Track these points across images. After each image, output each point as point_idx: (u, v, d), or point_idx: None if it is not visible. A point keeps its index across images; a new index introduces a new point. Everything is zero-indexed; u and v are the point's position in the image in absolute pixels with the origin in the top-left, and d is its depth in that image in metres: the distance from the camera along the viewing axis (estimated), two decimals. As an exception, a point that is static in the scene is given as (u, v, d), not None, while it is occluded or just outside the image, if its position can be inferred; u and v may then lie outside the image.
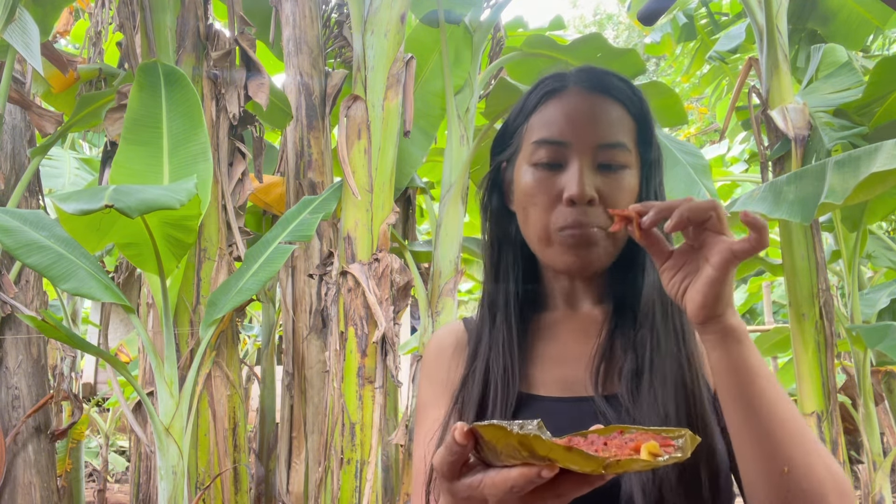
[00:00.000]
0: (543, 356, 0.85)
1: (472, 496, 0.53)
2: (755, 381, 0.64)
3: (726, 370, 0.65)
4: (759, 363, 0.64)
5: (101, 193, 1.89)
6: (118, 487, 7.07)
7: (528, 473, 0.48)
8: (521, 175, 0.83)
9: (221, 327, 2.83)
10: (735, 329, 0.64)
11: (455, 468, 0.53)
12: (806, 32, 4.71)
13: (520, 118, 0.86)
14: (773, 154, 3.78)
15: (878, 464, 3.95)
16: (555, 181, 0.80)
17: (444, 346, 0.93)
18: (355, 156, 2.89)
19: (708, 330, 0.65)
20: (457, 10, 3.85)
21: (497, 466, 0.52)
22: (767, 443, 0.63)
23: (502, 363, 0.82)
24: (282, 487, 3.57)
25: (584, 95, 0.82)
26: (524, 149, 0.84)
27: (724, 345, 0.64)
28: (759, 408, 0.63)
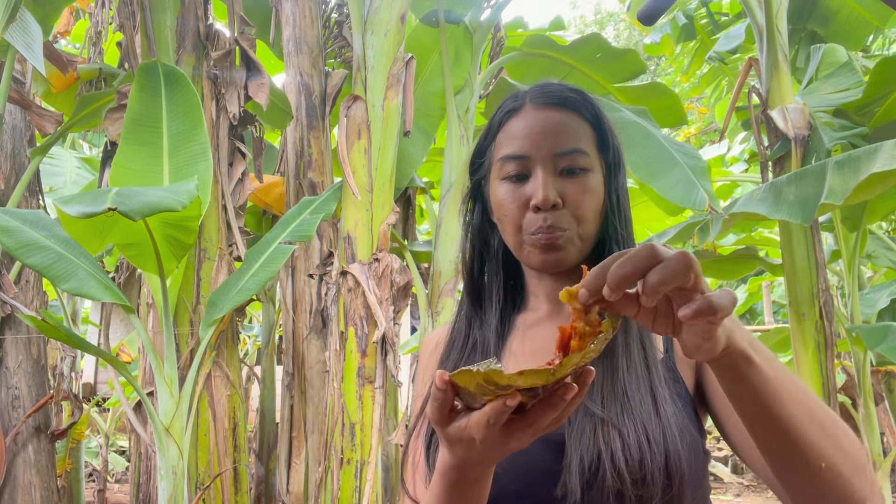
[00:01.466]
0: (522, 351, 0.90)
1: (462, 437, 0.59)
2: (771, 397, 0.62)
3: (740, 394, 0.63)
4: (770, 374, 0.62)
5: (103, 196, 1.89)
6: (118, 487, 7.07)
7: (497, 405, 0.55)
8: (495, 190, 0.91)
9: (221, 327, 2.83)
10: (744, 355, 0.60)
11: (443, 414, 0.59)
12: (806, 32, 4.71)
13: (488, 139, 0.94)
14: (773, 154, 3.78)
15: (878, 464, 3.95)
16: (522, 192, 0.87)
17: (437, 343, 0.99)
18: (355, 156, 2.89)
19: (717, 365, 0.62)
20: (457, 10, 3.85)
21: (478, 409, 0.57)
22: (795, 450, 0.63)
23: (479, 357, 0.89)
24: (282, 487, 3.57)
25: (538, 110, 0.89)
26: (494, 166, 0.91)
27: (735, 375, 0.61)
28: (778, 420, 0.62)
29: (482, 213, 0.97)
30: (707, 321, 0.54)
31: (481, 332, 0.93)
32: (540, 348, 0.89)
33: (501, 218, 0.90)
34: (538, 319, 0.92)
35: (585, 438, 0.75)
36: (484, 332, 0.92)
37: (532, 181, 0.86)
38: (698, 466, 0.78)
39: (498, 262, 0.96)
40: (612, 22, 15.63)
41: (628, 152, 4.01)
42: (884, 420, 4.51)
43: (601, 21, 15.99)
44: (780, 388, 0.62)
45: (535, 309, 0.94)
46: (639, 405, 0.77)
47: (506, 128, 0.91)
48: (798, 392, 0.64)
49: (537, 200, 0.84)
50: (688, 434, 0.77)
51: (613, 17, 15.65)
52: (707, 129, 10.27)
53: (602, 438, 0.75)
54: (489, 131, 0.95)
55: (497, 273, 0.96)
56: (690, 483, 0.76)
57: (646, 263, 0.54)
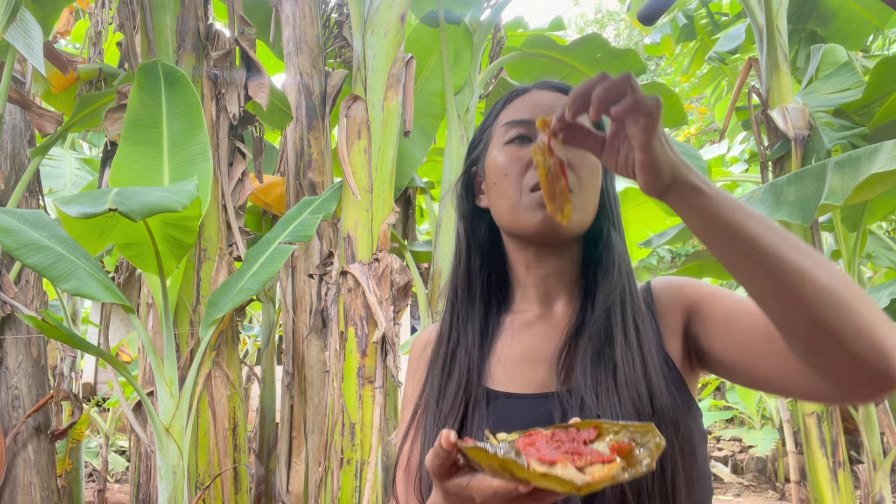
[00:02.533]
0: (511, 354, 0.88)
1: (461, 494, 0.59)
2: (734, 222, 0.64)
3: (703, 225, 0.66)
4: (731, 205, 0.65)
5: (104, 197, 1.89)
6: (118, 487, 7.08)
7: (509, 486, 0.55)
8: (493, 158, 0.89)
9: (221, 327, 2.83)
10: (693, 186, 0.65)
11: (444, 470, 0.59)
12: (806, 32, 4.71)
13: (487, 121, 0.94)
14: (773, 154, 3.78)
15: (878, 464, 3.95)
16: (524, 152, 0.86)
17: (425, 345, 0.98)
18: (355, 156, 2.89)
19: (668, 199, 0.67)
20: (457, 10, 3.85)
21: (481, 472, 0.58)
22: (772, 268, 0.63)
23: (466, 361, 0.87)
24: (282, 487, 3.57)
25: (543, 91, 0.91)
26: (496, 135, 0.90)
27: (688, 205, 0.66)
28: (750, 240, 0.64)
29: (468, 198, 0.95)
30: (640, 128, 0.63)
31: (466, 332, 0.90)
32: (529, 353, 0.87)
33: (499, 181, 0.87)
34: (528, 321, 0.90)
35: None
36: (468, 332, 0.90)
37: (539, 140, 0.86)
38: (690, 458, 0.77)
39: (483, 256, 0.93)
40: (612, 21, 15.63)
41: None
42: (884, 420, 4.50)
43: (601, 20, 15.99)
44: (742, 217, 0.64)
45: (523, 310, 0.91)
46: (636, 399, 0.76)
47: (510, 105, 0.91)
48: (769, 223, 0.66)
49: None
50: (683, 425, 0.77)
51: (614, 16, 15.65)
52: (707, 129, 10.27)
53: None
54: (489, 117, 0.94)
55: (482, 267, 0.93)
56: (686, 480, 0.75)
57: (594, 82, 0.65)
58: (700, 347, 0.82)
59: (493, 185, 0.88)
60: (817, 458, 3.45)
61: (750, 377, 0.77)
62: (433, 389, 0.88)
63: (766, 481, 7.36)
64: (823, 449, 3.44)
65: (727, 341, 0.77)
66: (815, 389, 0.68)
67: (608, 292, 0.85)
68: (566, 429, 0.60)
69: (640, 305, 0.84)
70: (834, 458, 3.44)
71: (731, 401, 7.62)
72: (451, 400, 0.85)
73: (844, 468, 3.46)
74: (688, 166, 0.66)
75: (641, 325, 0.82)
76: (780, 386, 0.73)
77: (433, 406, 0.86)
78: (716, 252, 0.67)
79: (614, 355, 0.79)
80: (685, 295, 0.84)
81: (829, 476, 3.45)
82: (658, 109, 0.63)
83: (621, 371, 0.78)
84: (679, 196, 0.66)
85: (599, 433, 0.59)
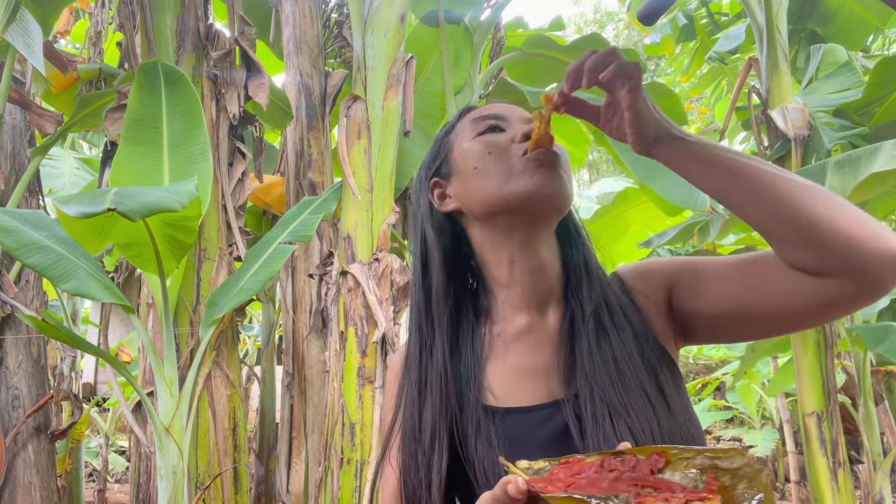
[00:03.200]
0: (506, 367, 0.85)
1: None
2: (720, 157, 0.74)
3: (694, 166, 0.76)
4: (713, 146, 0.75)
5: (103, 197, 1.89)
6: (118, 487, 7.07)
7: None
8: (466, 151, 0.88)
9: (221, 327, 2.83)
10: (676, 137, 0.75)
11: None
12: (806, 32, 4.71)
13: (444, 132, 0.95)
14: (773, 154, 3.78)
15: (878, 464, 3.95)
16: (503, 136, 0.87)
17: (395, 369, 0.95)
18: (355, 156, 2.89)
19: (658, 152, 0.76)
20: (457, 10, 3.85)
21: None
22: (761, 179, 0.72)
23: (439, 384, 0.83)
24: (282, 487, 3.57)
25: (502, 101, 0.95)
26: (460, 138, 0.90)
27: (676, 153, 0.76)
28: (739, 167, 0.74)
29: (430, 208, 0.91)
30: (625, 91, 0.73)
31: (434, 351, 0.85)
32: (525, 365, 0.84)
33: (481, 163, 0.85)
34: (518, 332, 0.86)
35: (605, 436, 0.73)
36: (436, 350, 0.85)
37: (511, 129, 0.87)
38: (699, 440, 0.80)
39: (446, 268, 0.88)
40: (611, 22, 15.63)
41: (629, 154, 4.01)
42: (884, 420, 4.51)
43: (601, 20, 16.00)
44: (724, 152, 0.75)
45: (510, 319, 0.87)
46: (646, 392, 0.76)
47: (467, 114, 0.93)
48: (748, 156, 0.75)
49: (526, 129, 0.85)
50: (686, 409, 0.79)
51: (613, 16, 15.65)
52: (707, 129, 10.27)
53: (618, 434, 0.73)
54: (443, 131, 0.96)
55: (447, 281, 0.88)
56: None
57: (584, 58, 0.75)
58: (689, 316, 0.83)
59: (475, 169, 0.86)
60: (817, 458, 3.45)
61: (751, 320, 0.79)
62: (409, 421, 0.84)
63: (766, 481, 7.35)
64: (823, 449, 3.44)
65: (719, 294, 0.80)
66: (821, 296, 0.72)
67: (593, 291, 0.85)
68: (617, 456, 0.54)
69: (622, 297, 0.85)
70: (834, 458, 3.44)
71: (731, 401, 7.62)
72: (430, 432, 0.80)
73: (844, 468, 3.46)
74: (671, 123, 0.76)
75: (630, 315, 0.83)
76: (783, 313, 0.76)
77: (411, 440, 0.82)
78: (710, 187, 0.76)
79: (614, 353, 0.79)
80: (659, 274, 0.86)
81: (829, 476, 3.45)
82: (638, 71, 0.73)
83: (625, 367, 0.78)
84: (666, 147, 0.76)
85: (668, 461, 0.52)
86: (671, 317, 0.84)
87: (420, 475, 0.79)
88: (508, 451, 0.76)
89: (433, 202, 0.91)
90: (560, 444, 0.76)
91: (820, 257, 0.70)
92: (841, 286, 0.70)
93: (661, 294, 0.84)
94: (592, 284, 0.85)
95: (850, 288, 0.70)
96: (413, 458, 0.81)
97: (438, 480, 0.78)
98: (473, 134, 0.89)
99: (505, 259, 0.86)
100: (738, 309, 0.78)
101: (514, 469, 0.59)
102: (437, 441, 0.79)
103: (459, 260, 0.90)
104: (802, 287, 0.72)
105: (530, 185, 0.82)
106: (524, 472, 0.59)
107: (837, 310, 0.74)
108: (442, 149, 0.93)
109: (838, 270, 0.70)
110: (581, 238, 0.90)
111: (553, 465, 0.57)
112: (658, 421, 0.74)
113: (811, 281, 0.71)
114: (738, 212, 0.75)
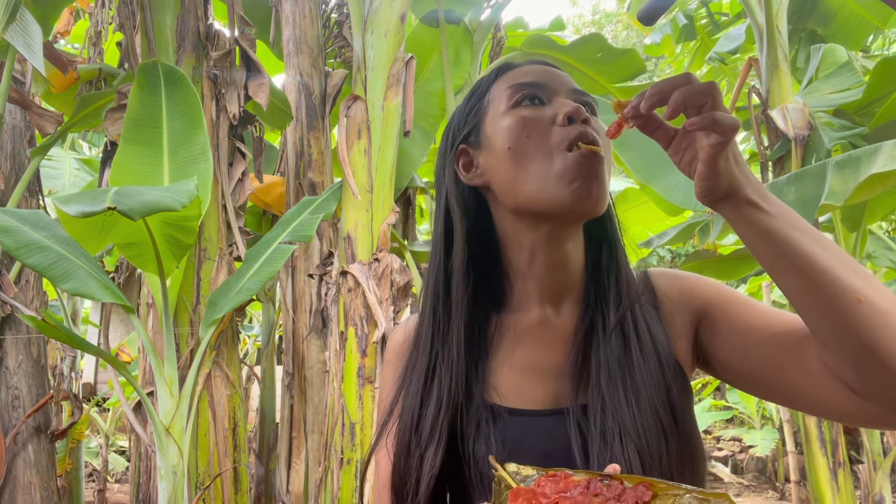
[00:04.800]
0: (514, 363, 0.80)
1: None
2: (788, 240, 0.63)
3: (755, 239, 0.65)
4: (786, 222, 0.64)
5: (103, 196, 1.89)
6: (118, 487, 7.07)
7: None
8: (503, 122, 0.78)
9: (221, 327, 2.83)
10: (749, 201, 0.64)
11: None
12: (806, 32, 4.71)
13: (476, 96, 0.84)
14: (773, 154, 3.78)
15: (878, 464, 3.95)
16: (543, 112, 0.77)
17: (397, 346, 0.90)
18: (355, 156, 2.89)
19: (722, 210, 0.66)
20: (457, 10, 3.85)
21: None
22: (826, 286, 0.61)
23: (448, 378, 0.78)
24: (282, 487, 3.57)
25: (543, 63, 0.84)
26: (493, 105, 0.81)
27: (741, 219, 0.65)
28: (804, 258, 0.62)
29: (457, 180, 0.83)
30: (709, 143, 0.62)
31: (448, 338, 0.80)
32: (534, 362, 0.79)
33: (517, 146, 0.76)
34: (529, 325, 0.81)
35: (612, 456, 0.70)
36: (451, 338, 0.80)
37: (555, 101, 0.77)
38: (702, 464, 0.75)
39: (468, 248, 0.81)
40: (609, 23, 15.63)
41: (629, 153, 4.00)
42: (884, 420, 4.50)
43: (599, 22, 15.99)
44: (797, 234, 0.63)
45: (523, 310, 0.82)
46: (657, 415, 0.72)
47: (506, 75, 0.82)
48: (826, 242, 0.63)
49: (569, 109, 0.74)
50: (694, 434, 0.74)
51: (611, 17, 15.65)
52: (707, 129, 10.27)
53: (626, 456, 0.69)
54: (478, 88, 0.84)
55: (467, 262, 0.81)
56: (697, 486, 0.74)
57: (678, 83, 0.63)
58: (709, 354, 0.77)
59: (508, 150, 0.76)
60: (817, 458, 3.45)
61: (771, 391, 0.73)
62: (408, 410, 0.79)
63: (766, 481, 7.36)
64: (823, 449, 3.44)
65: (748, 354, 0.73)
66: (854, 412, 0.65)
67: (621, 297, 0.79)
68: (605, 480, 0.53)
69: (650, 309, 0.79)
70: (834, 458, 3.44)
71: (731, 401, 7.62)
72: (429, 426, 0.76)
73: (844, 468, 3.47)
74: (748, 179, 0.65)
75: (655, 331, 0.77)
76: (808, 403, 0.69)
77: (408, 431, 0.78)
78: (766, 267, 0.66)
79: (632, 370, 0.74)
80: (696, 297, 0.78)
81: (829, 476, 3.45)
82: (734, 131, 0.62)
83: (641, 386, 0.72)
84: (733, 209, 0.65)
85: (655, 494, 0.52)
86: (694, 342, 0.79)
87: (411, 466, 0.76)
88: (505, 453, 0.73)
89: (459, 172, 0.83)
90: (559, 455, 0.72)
91: (870, 386, 0.62)
92: (882, 415, 0.63)
93: (689, 318, 0.79)
94: (620, 289, 0.79)
95: (890, 419, 0.63)
96: (406, 448, 0.77)
97: (430, 476, 0.74)
98: (510, 104, 0.78)
99: (526, 248, 0.80)
100: (762, 376, 0.72)
101: (501, 471, 0.59)
102: (435, 435, 0.75)
103: (481, 239, 0.82)
104: (838, 398, 0.65)
105: (567, 194, 0.73)
106: (511, 476, 0.59)
107: (867, 426, 0.69)
108: (473, 113, 0.83)
109: (885, 401, 0.62)
110: (614, 236, 0.82)
111: (540, 476, 0.57)
112: (667, 446, 0.70)
113: (850, 397, 0.64)
114: (793, 302, 0.65)
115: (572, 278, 0.81)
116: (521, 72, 0.81)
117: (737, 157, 0.65)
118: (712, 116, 0.61)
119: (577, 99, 0.79)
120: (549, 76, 0.80)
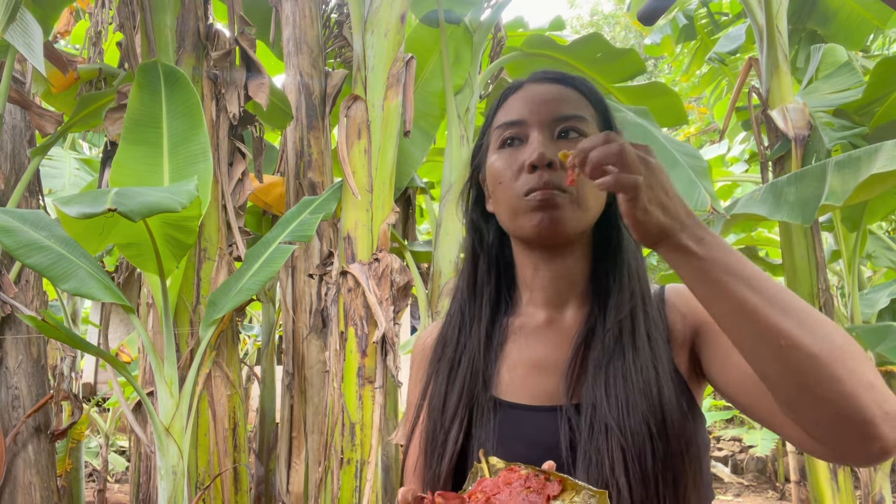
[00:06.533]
0: (519, 361, 0.87)
1: None
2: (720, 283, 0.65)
3: (689, 280, 0.68)
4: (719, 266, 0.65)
5: (103, 197, 1.89)
6: (118, 487, 7.07)
7: None
8: (491, 162, 0.88)
9: (221, 327, 2.83)
10: (681, 247, 0.66)
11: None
12: (806, 32, 4.71)
13: (487, 123, 0.93)
14: (773, 154, 3.78)
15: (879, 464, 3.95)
16: (518, 155, 0.84)
17: (426, 346, 0.97)
18: (355, 156, 2.89)
19: (658, 251, 0.69)
20: (457, 10, 3.85)
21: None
22: (752, 329, 0.63)
23: (470, 368, 0.87)
24: (282, 487, 3.57)
25: (537, 84, 0.89)
26: (491, 139, 0.90)
27: (674, 262, 0.68)
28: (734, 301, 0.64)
29: (476, 203, 0.95)
30: (622, 200, 0.66)
31: (472, 337, 0.89)
32: (537, 360, 0.86)
33: (496, 189, 0.86)
34: (536, 327, 0.88)
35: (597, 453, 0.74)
36: (475, 337, 0.89)
37: (528, 143, 0.84)
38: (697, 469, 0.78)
39: (490, 259, 0.93)
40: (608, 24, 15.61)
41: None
42: (884, 420, 4.50)
43: (597, 23, 15.97)
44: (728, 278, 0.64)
45: (530, 313, 0.90)
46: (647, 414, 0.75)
47: (505, 104, 0.90)
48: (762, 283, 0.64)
49: (532, 158, 0.81)
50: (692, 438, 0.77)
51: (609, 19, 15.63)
52: (707, 129, 10.27)
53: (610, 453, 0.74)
54: (489, 114, 0.93)
55: (489, 271, 0.93)
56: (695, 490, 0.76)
57: (596, 142, 0.68)
58: (703, 369, 0.81)
59: (493, 189, 0.88)
60: (817, 459, 3.45)
61: (752, 414, 0.76)
62: (437, 396, 0.88)
63: (766, 481, 7.36)
64: (823, 449, 3.44)
65: (728, 376, 0.77)
66: (808, 446, 0.67)
67: (622, 300, 0.83)
68: (540, 475, 0.65)
69: (654, 315, 0.83)
70: (834, 458, 3.43)
71: (731, 401, 7.62)
72: (452, 408, 0.85)
73: (844, 468, 3.47)
74: (682, 224, 0.67)
75: (654, 336, 0.81)
76: (780, 433, 0.72)
77: (437, 413, 0.87)
78: (704, 307, 0.68)
79: (627, 369, 0.78)
80: (695, 314, 0.82)
81: (829, 476, 3.45)
82: (634, 190, 0.65)
83: (632, 386, 0.77)
84: (665, 253, 0.68)
85: (564, 488, 0.64)
86: (692, 354, 0.83)
87: (437, 444, 0.85)
88: (500, 444, 0.80)
89: (485, 191, 0.94)
90: (548, 450, 0.77)
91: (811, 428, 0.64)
92: (833, 455, 0.66)
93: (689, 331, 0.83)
94: (622, 294, 0.84)
95: (848, 458, 0.65)
96: (435, 428, 0.86)
97: (451, 454, 0.82)
98: (496, 145, 0.88)
99: (529, 265, 0.89)
100: (741, 400, 0.76)
101: (483, 464, 0.70)
102: (456, 418, 0.84)
103: (503, 251, 0.93)
104: (796, 434, 0.68)
105: (528, 227, 0.82)
106: (490, 468, 0.70)
107: (831, 461, 0.71)
108: (484, 141, 0.93)
109: (840, 448, 0.63)
110: (620, 245, 0.87)
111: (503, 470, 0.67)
112: (652, 446, 0.73)
113: (804, 435, 0.66)
114: (739, 348, 0.67)
115: (576, 287, 0.88)
116: (514, 101, 0.89)
117: (665, 205, 0.66)
118: (614, 178, 0.65)
119: (558, 128, 0.85)
120: (534, 108, 0.86)
